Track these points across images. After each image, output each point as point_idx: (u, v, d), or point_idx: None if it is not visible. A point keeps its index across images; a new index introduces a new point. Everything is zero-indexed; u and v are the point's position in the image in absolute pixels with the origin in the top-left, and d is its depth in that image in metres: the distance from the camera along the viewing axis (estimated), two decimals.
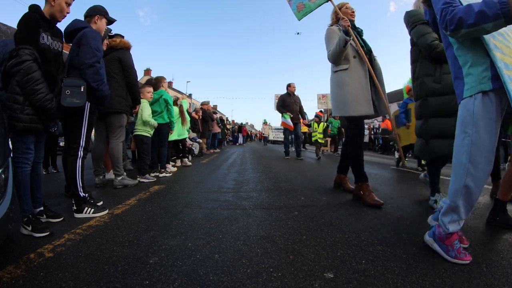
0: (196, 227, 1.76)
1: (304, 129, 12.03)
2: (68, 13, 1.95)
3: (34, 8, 1.82)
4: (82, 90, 1.91)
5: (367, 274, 1.18)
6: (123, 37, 3.23)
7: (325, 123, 8.19)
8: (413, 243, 1.52)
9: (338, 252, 1.39)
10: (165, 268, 1.22)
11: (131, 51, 3.25)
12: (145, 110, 3.54)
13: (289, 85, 6.90)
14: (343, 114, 2.49)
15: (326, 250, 1.42)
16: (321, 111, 9.11)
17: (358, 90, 2.41)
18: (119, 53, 3.07)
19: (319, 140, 7.84)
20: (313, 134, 7.96)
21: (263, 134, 20.62)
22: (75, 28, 2.13)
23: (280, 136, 24.41)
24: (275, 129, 24.46)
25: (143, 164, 3.56)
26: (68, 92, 1.86)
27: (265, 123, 20.44)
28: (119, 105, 3.01)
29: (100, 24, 2.39)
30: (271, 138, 22.78)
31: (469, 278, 1.15)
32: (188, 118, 5.17)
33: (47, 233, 1.60)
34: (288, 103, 6.79)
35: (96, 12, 2.37)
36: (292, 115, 6.66)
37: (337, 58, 2.45)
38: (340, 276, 1.16)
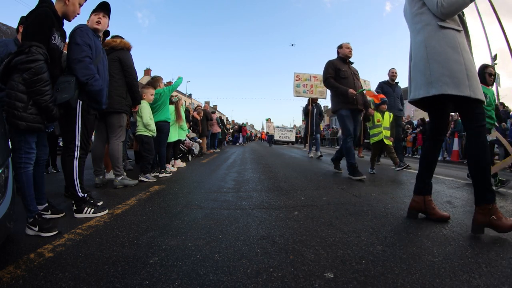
0: (196, 227, 1.76)
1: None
2: (78, 14, 1.93)
3: (48, 4, 1.75)
4: (70, 84, 1.86)
5: (367, 274, 1.18)
6: (122, 38, 3.23)
7: (391, 113, 4.66)
8: (413, 243, 1.52)
9: (338, 252, 1.39)
10: (165, 268, 1.22)
11: (131, 52, 3.25)
12: (145, 112, 3.55)
13: (340, 47, 4.01)
14: (466, 93, 1.62)
15: (326, 250, 1.42)
16: (378, 92, 5.19)
17: (472, 64, 1.71)
18: (119, 54, 3.07)
19: (386, 141, 4.39)
20: (373, 131, 4.49)
21: (267, 133, 17.60)
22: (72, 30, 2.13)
23: (287, 136, 21.49)
24: (277, 128, 22.03)
25: (145, 163, 3.56)
26: (58, 90, 1.84)
27: (268, 120, 17.67)
28: (118, 104, 3.01)
29: (104, 21, 2.37)
30: (276, 137, 20.15)
31: (469, 278, 1.15)
32: (183, 116, 5.17)
33: (55, 232, 1.60)
34: (345, 73, 3.83)
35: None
36: (356, 93, 3.67)
37: (460, 6, 1.66)
38: (340, 276, 1.16)
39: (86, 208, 1.98)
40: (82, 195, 2.03)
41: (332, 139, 19.76)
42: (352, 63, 4.07)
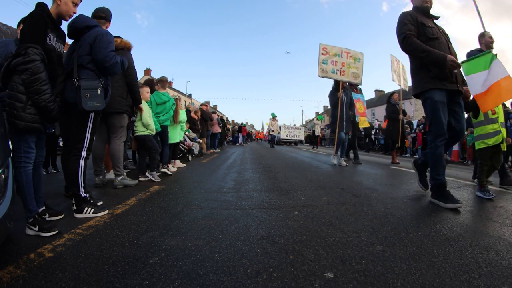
0: (196, 227, 1.76)
1: (364, 123, 6.64)
2: (74, 13, 1.96)
3: (42, 6, 1.80)
4: (99, 92, 1.94)
5: (367, 274, 1.18)
6: (122, 38, 3.23)
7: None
8: (413, 243, 1.52)
9: (338, 252, 1.40)
10: (165, 268, 1.22)
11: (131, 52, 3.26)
12: (145, 112, 3.57)
13: None
14: None
15: (326, 250, 1.42)
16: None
17: None
18: (120, 53, 3.07)
19: (503, 146, 2.96)
20: (485, 129, 2.93)
21: (272, 131, 14.62)
22: (86, 25, 2.10)
23: (295, 134, 18.37)
24: (283, 126, 19.08)
25: (153, 160, 3.61)
26: (87, 95, 1.89)
27: (273, 117, 14.55)
28: (119, 105, 3.02)
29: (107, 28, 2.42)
30: (283, 136, 17.59)
31: (469, 278, 1.15)
32: (184, 117, 5.21)
33: (55, 232, 1.61)
34: (433, 31, 2.41)
35: (110, 17, 2.41)
36: (459, 64, 2.27)
37: None
38: (340, 276, 1.16)
39: (86, 208, 1.98)
40: (85, 195, 2.04)
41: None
42: (437, 17, 2.55)
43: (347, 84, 5.86)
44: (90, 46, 2.03)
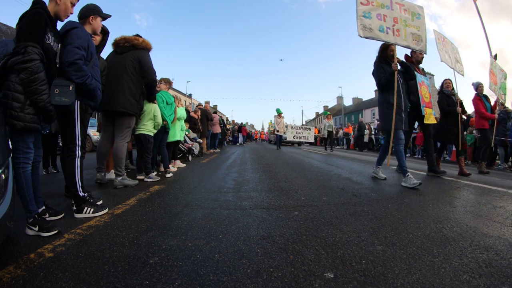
0: (196, 227, 1.76)
1: (430, 118, 4.18)
2: (71, 13, 1.94)
3: (41, 5, 1.77)
4: (70, 89, 1.88)
5: (367, 274, 1.18)
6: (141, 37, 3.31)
7: None
8: (413, 243, 1.52)
9: (338, 252, 1.40)
10: (165, 268, 1.22)
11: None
12: (159, 113, 3.63)
13: None
14: None
15: (326, 250, 1.42)
16: None
17: None
18: (140, 53, 3.11)
19: None
20: None
21: (277, 130, 12.74)
22: (66, 29, 2.10)
23: (303, 136, 15.81)
24: (291, 125, 16.57)
25: (146, 164, 3.56)
26: (56, 91, 1.82)
27: (279, 114, 12.75)
28: (131, 106, 3.06)
29: (95, 23, 2.32)
30: (289, 138, 15.45)
31: (469, 278, 1.15)
32: (183, 114, 5.22)
33: (56, 232, 1.61)
34: None
35: (89, 12, 2.32)
36: None
37: None
38: (340, 276, 1.17)
39: (86, 208, 1.98)
40: (83, 194, 2.04)
41: (331, 139, 19.53)
42: None
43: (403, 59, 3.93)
44: (64, 48, 2.05)
